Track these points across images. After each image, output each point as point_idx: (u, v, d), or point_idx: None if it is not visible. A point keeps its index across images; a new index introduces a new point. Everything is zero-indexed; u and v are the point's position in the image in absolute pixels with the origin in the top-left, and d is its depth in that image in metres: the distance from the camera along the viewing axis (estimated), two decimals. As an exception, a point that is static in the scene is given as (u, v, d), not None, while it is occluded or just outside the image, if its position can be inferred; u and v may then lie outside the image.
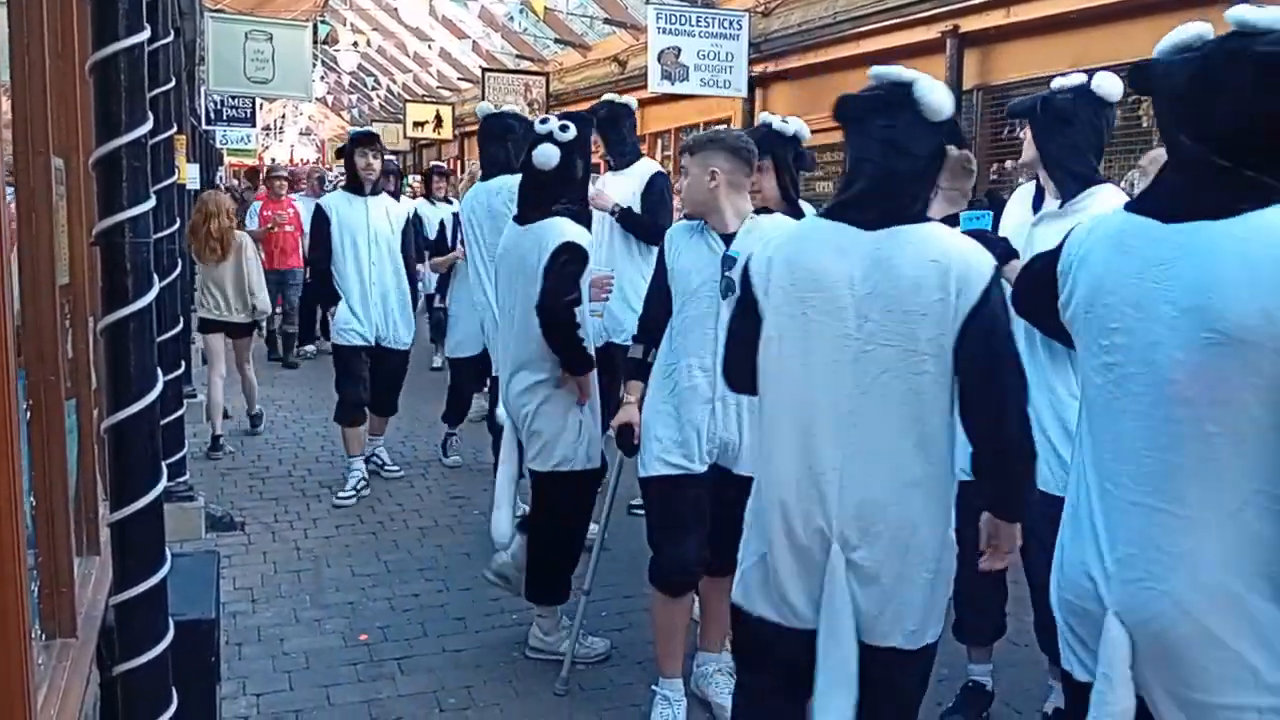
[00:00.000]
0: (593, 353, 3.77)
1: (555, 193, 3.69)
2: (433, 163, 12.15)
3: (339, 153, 6.30)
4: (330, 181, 12.60)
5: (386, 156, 7.23)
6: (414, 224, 6.57)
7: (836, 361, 2.20)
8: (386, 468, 6.31)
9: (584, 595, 3.72)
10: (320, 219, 5.89)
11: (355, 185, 5.91)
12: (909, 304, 2.14)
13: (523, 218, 3.77)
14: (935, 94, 2.19)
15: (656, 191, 5.18)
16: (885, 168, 2.21)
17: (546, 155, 3.66)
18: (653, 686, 3.43)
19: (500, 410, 4.08)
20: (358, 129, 6.57)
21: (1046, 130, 3.09)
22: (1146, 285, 1.73)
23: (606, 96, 5.58)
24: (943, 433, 2.22)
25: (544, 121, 3.77)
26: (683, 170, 3.37)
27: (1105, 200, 2.89)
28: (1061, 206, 3.05)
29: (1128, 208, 1.88)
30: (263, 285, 7.20)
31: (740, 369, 2.44)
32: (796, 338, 2.25)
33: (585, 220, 3.78)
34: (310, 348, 10.61)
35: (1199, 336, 1.65)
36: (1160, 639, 1.73)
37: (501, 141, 5.22)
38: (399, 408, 6.45)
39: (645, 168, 5.35)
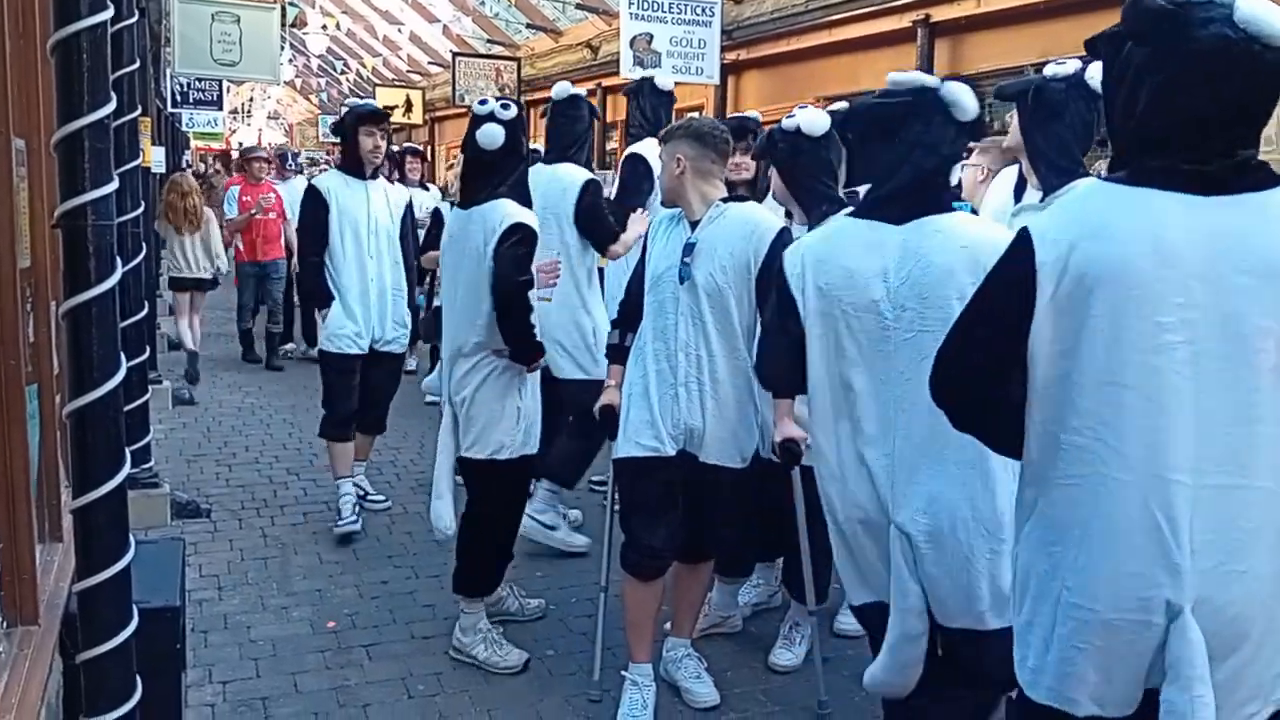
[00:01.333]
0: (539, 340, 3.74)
1: (501, 173, 3.67)
2: (405, 144, 11.93)
3: (335, 128, 5.50)
4: (294, 161, 12.27)
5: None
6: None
7: (880, 352, 2.34)
8: (370, 498, 5.46)
9: (603, 592, 3.65)
10: (317, 203, 5.05)
11: (355, 167, 5.13)
12: (942, 290, 2.27)
13: (467, 201, 3.73)
14: (965, 96, 2.33)
15: (624, 174, 5.04)
16: (919, 168, 2.34)
17: (492, 135, 3.63)
18: (622, 672, 3.44)
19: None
20: (362, 103, 5.61)
21: (1035, 120, 3.06)
22: (1209, 257, 1.64)
23: (643, 74, 5.47)
24: None
25: (483, 103, 3.74)
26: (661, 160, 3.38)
27: None
28: (1043, 199, 3.04)
29: (1128, 183, 1.72)
30: (222, 249, 9.11)
31: (779, 370, 2.54)
32: (837, 335, 2.38)
33: (525, 202, 3.72)
34: (290, 345, 9.77)
35: None
36: (1235, 623, 1.67)
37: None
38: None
39: (634, 148, 5.13)
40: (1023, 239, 1.76)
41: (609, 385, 3.50)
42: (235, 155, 15.03)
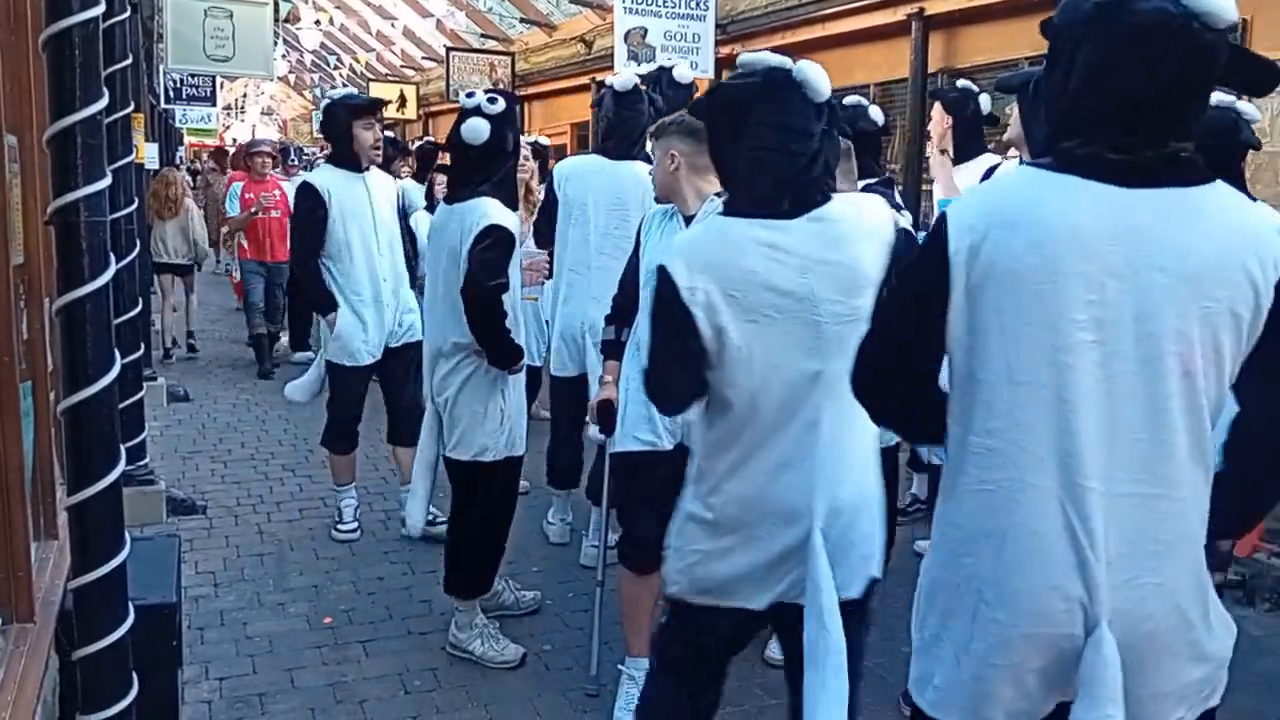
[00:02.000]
0: (522, 343, 3.64)
1: (485, 169, 3.57)
2: (425, 138, 11.87)
3: (324, 124, 5.09)
4: (299, 157, 12.20)
5: (386, 132, 6.37)
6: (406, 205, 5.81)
7: (811, 349, 2.19)
8: (439, 522, 4.58)
9: (599, 587, 3.65)
10: (314, 202, 4.70)
11: (352, 162, 4.81)
12: (863, 280, 2.20)
13: (451, 197, 3.67)
14: (817, 75, 2.20)
15: None
16: (791, 154, 2.17)
17: (476, 130, 3.52)
18: (619, 666, 3.44)
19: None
20: (346, 92, 5.37)
21: (1035, 112, 3.01)
22: (1125, 252, 1.55)
23: (663, 63, 5.30)
24: None
25: (470, 95, 3.64)
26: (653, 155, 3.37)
27: None
28: None
29: (1052, 169, 1.63)
30: (205, 235, 9.77)
31: (679, 389, 2.28)
32: (764, 342, 2.18)
33: (511, 201, 3.64)
34: (282, 343, 9.51)
35: (1200, 306, 1.55)
36: (1151, 638, 1.60)
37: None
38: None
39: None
40: (940, 225, 1.67)
41: (606, 381, 3.49)
42: (231, 151, 14.97)
